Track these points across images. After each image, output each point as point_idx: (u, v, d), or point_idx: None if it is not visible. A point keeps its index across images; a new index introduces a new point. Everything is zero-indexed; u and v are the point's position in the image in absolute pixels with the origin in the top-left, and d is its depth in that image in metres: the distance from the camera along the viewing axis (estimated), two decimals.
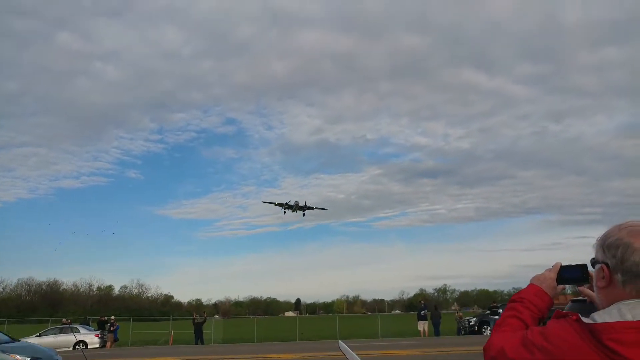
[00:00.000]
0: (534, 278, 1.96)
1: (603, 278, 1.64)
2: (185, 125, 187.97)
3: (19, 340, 15.31)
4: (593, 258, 1.75)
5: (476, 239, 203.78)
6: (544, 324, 1.62)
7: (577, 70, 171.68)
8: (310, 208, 79.82)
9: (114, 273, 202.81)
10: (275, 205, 79.26)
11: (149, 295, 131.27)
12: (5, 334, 14.66)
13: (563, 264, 1.99)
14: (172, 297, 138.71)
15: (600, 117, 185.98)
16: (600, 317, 1.52)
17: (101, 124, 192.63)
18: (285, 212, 79.77)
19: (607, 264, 1.63)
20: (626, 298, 1.54)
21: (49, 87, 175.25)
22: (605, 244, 1.66)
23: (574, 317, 1.55)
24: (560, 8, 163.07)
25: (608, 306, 1.58)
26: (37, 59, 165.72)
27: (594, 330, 1.46)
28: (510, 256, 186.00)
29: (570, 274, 1.96)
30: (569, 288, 2.06)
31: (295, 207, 77.94)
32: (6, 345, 13.25)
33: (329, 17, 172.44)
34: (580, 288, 1.99)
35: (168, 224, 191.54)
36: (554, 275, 1.95)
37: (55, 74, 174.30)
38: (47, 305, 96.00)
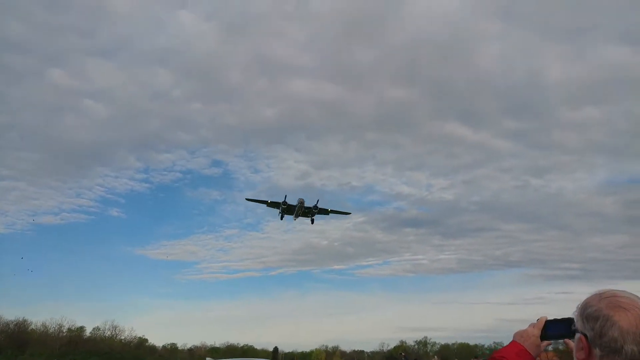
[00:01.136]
0: (516, 334, 1.96)
1: (582, 349, 1.59)
2: (171, 165, 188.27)
3: None
4: (574, 325, 1.72)
5: (458, 291, 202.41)
6: None
7: (559, 127, 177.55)
8: (324, 211, 59.40)
9: (88, 313, 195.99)
10: (268, 205, 58.58)
11: (123, 337, 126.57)
12: None
13: (548, 319, 1.99)
14: (146, 340, 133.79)
15: (580, 174, 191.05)
16: None
17: (86, 161, 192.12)
18: (282, 217, 59.40)
19: (586, 336, 1.58)
20: None
21: (36, 122, 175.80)
22: (585, 314, 1.62)
23: None
24: (544, 66, 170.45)
25: None
26: (26, 94, 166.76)
27: None
28: (491, 309, 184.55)
29: (555, 330, 1.93)
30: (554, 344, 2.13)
31: (299, 209, 57.73)
32: None
33: (318, 66, 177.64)
34: (567, 341, 1.92)
35: (147, 264, 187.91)
36: (537, 332, 1.91)
37: (44, 110, 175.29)
38: (14, 346, 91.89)
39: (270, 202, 57.27)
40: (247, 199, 61.88)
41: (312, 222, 59.55)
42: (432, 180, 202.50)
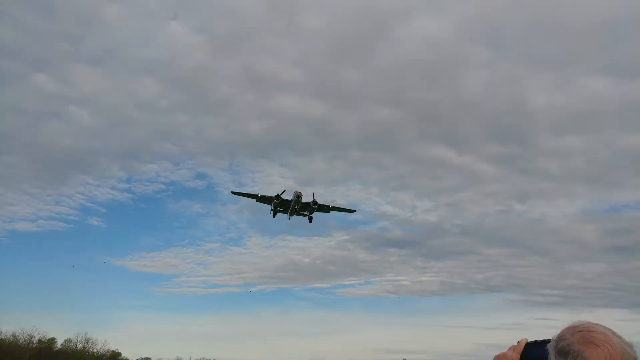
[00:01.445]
0: (496, 358, 1.92)
1: None
2: (154, 176, 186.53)
3: None
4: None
5: (438, 314, 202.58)
6: None
7: (542, 154, 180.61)
8: (325, 208, 51.94)
9: (60, 324, 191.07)
10: (258, 200, 51.01)
11: (95, 351, 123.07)
12: None
13: (529, 341, 1.92)
14: (119, 354, 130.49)
15: (561, 201, 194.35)
16: None
17: (67, 168, 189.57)
18: (275, 215, 51.67)
19: None
20: None
21: (17, 126, 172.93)
22: (557, 348, 1.59)
23: None
24: (528, 94, 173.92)
25: None
26: (8, 98, 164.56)
27: None
28: (471, 333, 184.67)
29: (536, 352, 1.85)
30: None
31: (295, 205, 49.55)
32: None
33: (307, 83, 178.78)
34: None
35: (125, 275, 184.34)
36: (517, 355, 1.86)
37: (26, 114, 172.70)
38: None
39: (261, 196, 50.62)
40: (234, 192, 56.11)
41: (310, 221, 53.16)
42: (416, 202, 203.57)
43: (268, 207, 54.22)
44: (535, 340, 1.85)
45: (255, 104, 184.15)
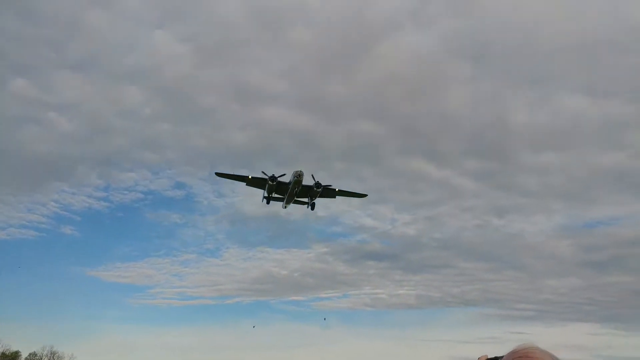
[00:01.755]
0: None
1: None
2: (133, 185, 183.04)
3: None
4: None
5: (414, 327, 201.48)
6: None
7: (520, 170, 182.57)
8: (330, 192, 43.79)
9: (26, 337, 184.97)
10: (248, 183, 44.56)
11: None
12: None
13: (489, 357, 1.92)
14: None
15: (539, 217, 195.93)
16: None
17: (43, 175, 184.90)
18: (269, 201, 46.01)
19: None
20: None
21: None
22: None
23: None
24: (510, 111, 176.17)
25: None
26: None
27: None
28: (447, 347, 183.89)
29: None
30: None
31: (295, 187, 41.88)
32: None
33: (291, 95, 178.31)
34: None
35: (98, 286, 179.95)
36: None
37: (3, 119, 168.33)
38: None
39: (252, 178, 43.31)
40: (217, 174, 47.35)
41: (312, 208, 44.63)
42: (396, 215, 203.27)
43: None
44: (495, 357, 1.89)
45: (239, 115, 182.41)
